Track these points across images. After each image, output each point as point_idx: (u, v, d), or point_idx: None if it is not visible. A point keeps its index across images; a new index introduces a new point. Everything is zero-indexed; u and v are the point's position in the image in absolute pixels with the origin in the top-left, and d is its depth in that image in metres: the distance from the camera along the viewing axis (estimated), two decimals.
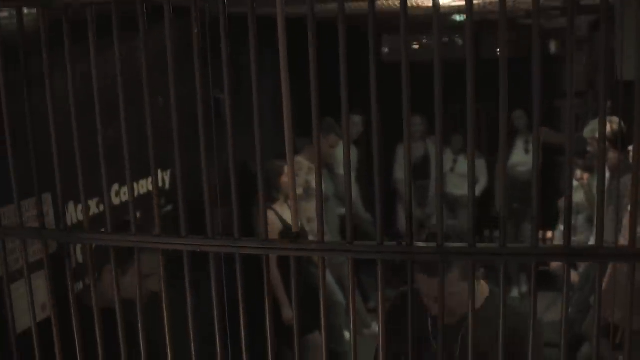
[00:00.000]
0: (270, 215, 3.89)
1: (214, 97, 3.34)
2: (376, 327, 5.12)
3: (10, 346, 1.77)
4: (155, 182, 1.60)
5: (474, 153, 1.46)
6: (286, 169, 4.20)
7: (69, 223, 2.18)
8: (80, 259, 2.80)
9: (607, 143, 4.50)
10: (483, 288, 2.23)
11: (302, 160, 4.62)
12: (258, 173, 1.51)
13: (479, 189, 5.95)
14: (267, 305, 1.55)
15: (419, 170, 5.89)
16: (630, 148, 3.85)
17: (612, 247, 1.40)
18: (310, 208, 4.61)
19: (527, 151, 5.87)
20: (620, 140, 3.69)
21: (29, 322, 1.76)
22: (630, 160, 3.37)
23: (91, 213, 2.49)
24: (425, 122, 5.90)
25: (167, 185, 3.49)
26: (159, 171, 2.36)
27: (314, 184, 4.64)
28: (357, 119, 5.68)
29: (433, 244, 1.44)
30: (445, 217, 6.39)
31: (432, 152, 5.92)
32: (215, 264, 1.57)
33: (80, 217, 2.76)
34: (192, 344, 1.60)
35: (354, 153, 5.77)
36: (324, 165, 5.05)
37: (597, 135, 4.10)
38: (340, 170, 5.30)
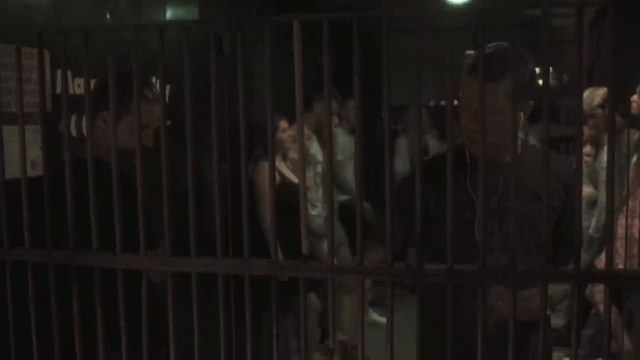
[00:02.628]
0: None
1: (216, 34, 3.29)
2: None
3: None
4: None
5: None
6: (282, 124, 4.25)
7: None
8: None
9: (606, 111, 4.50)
10: None
11: None
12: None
13: None
14: (274, 330, 1.57)
15: None
16: None
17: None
18: (309, 176, 4.60)
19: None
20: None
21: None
22: None
23: None
24: (426, 114, 5.88)
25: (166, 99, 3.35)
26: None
27: (312, 150, 4.67)
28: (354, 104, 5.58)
29: (443, 267, 1.44)
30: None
31: (431, 143, 5.89)
32: (223, 284, 1.57)
33: None
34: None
35: (352, 140, 5.74)
36: (321, 139, 4.99)
37: (594, 104, 4.20)
38: (339, 156, 5.28)
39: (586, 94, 4.51)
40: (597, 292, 4.19)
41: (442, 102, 2.37)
